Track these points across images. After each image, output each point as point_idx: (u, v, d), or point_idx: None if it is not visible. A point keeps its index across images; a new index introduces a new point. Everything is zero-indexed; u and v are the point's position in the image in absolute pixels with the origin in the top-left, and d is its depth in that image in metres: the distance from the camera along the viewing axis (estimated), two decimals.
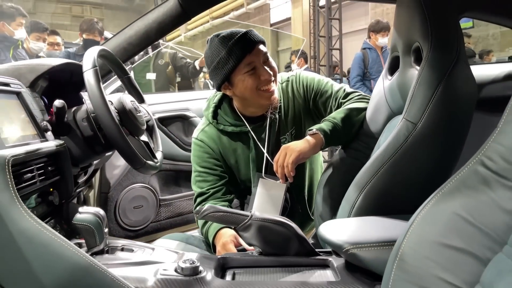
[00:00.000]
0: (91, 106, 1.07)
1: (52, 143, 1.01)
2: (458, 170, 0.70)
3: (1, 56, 3.13)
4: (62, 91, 1.30)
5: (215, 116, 1.43)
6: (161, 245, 1.20)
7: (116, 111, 1.16)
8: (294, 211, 1.48)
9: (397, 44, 1.19)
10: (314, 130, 1.29)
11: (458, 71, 0.98)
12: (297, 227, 1.01)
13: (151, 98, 2.09)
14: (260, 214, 0.98)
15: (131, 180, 1.95)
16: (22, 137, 0.93)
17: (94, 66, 1.06)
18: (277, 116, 1.41)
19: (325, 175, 1.38)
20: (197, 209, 1.01)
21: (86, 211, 0.92)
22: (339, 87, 1.44)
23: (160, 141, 1.44)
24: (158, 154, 1.33)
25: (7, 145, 0.84)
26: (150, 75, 3.74)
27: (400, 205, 1.01)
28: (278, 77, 1.49)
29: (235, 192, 1.49)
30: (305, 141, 1.29)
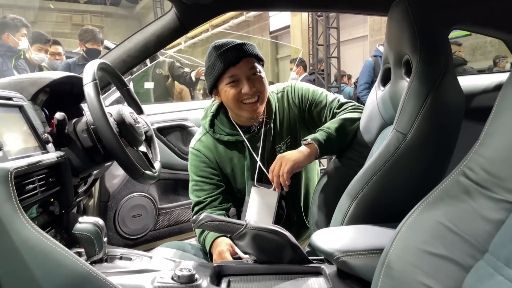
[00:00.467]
0: (91, 118, 1.10)
1: (53, 155, 1.03)
2: (443, 180, 0.73)
3: (3, 67, 3.17)
4: (62, 102, 1.33)
5: (212, 125, 1.46)
6: (159, 254, 1.22)
7: (115, 123, 1.19)
8: (290, 220, 1.50)
9: (389, 56, 1.22)
10: (308, 140, 1.32)
11: (446, 83, 1.01)
12: (291, 235, 1.03)
13: (150, 108, 2.12)
14: (254, 223, 1.01)
15: (130, 189, 1.97)
16: (24, 149, 0.96)
17: (94, 79, 1.10)
18: (272, 125, 1.44)
19: (320, 184, 1.41)
20: (193, 218, 1.04)
21: (86, 221, 0.95)
22: (334, 98, 1.47)
23: (159, 151, 1.46)
24: (157, 164, 1.36)
25: (9, 157, 0.87)
26: (148, 84, 3.77)
27: (391, 214, 1.03)
28: (273, 87, 1.53)
29: (232, 201, 1.51)
30: (300, 150, 1.32)
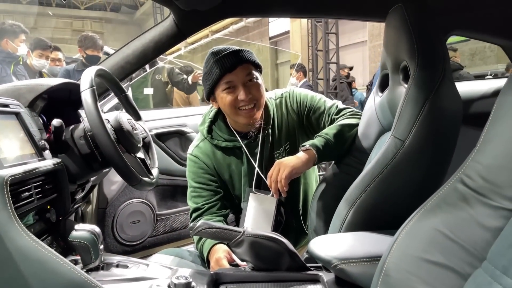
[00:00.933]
0: (88, 124, 1.10)
1: (49, 162, 1.03)
2: (440, 187, 0.72)
3: (2, 73, 3.17)
4: (60, 109, 1.33)
5: (210, 131, 1.46)
6: (156, 261, 1.21)
7: (113, 129, 1.19)
8: (288, 226, 1.50)
9: (387, 62, 1.22)
10: (307, 146, 1.32)
11: (444, 89, 1.01)
12: (289, 242, 1.03)
13: (149, 114, 2.12)
14: (252, 230, 1.00)
15: (129, 195, 1.96)
16: (20, 157, 0.95)
17: (91, 86, 1.09)
18: (270, 131, 1.43)
19: (318, 190, 1.40)
20: (190, 225, 1.04)
21: (82, 229, 0.94)
22: (332, 104, 1.47)
23: (156, 157, 1.46)
24: (154, 171, 1.36)
25: (5, 164, 0.86)
26: (148, 90, 3.77)
27: (388, 220, 1.03)
28: (272, 93, 1.53)
29: (231, 207, 1.51)
30: (298, 156, 1.31)
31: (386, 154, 1.03)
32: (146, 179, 1.19)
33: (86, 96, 1.08)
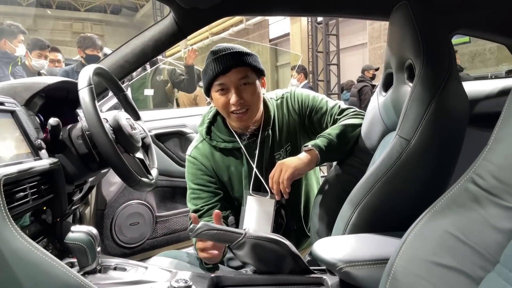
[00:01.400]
0: (86, 124, 1.08)
1: (45, 162, 1.01)
2: (449, 188, 0.70)
3: (0, 73, 3.15)
4: (58, 108, 1.31)
5: (209, 132, 1.44)
6: (155, 264, 1.19)
7: (111, 129, 1.17)
8: (289, 228, 1.47)
9: (391, 61, 1.19)
10: (309, 146, 1.29)
11: (450, 88, 0.99)
12: (292, 244, 1.00)
13: (148, 115, 2.10)
14: (254, 232, 0.97)
15: (128, 196, 1.94)
16: (15, 156, 0.93)
17: (89, 84, 1.07)
18: (270, 132, 1.41)
19: (321, 191, 1.38)
20: (190, 227, 1.01)
21: (79, 230, 0.91)
22: (334, 104, 1.44)
23: (156, 158, 1.44)
24: (153, 171, 1.33)
25: (0, 164, 0.84)
26: (148, 91, 3.75)
27: (394, 222, 1.00)
28: (273, 93, 1.50)
29: (231, 209, 1.48)
30: (301, 157, 1.29)
31: (391, 154, 1.01)
32: (145, 180, 1.17)
33: (84, 94, 1.05)
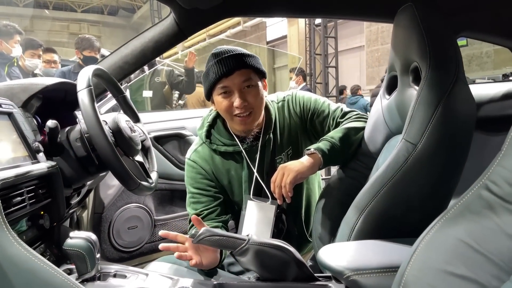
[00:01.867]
0: (85, 126, 1.05)
1: (43, 165, 0.98)
2: (462, 195, 0.68)
3: None
4: (55, 110, 1.28)
5: (209, 135, 1.41)
6: (155, 270, 1.16)
7: (111, 131, 1.14)
8: (290, 233, 1.44)
9: (395, 63, 1.18)
10: (312, 150, 1.27)
11: (457, 91, 0.97)
12: (296, 251, 0.98)
13: (147, 117, 2.07)
14: (257, 238, 0.95)
15: (126, 200, 1.91)
16: (12, 159, 0.90)
17: (88, 85, 1.05)
18: (271, 136, 1.39)
19: (323, 196, 1.36)
20: (192, 232, 0.98)
21: (77, 236, 0.89)
22: (336, 107, 1.42)
23: (155, 161, 1.41)
24: (153, 175, 1.31)
25: None
26: (147, 93, 3.72)
27: (400, 228, 0.98)
28: (274, 96, 1.48)
29: (231, 213, 1.46)
30: (303, 161, 1.26)
31: (397, 159, 0.99)
32: (145, 183, 1.15)
33: (83, 96, 1.03)
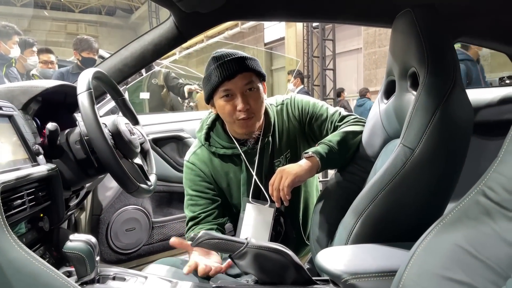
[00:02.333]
0: (85, 129, 1.05)
1: (43, 168, 0.98)
2: (460, 200, 0.69)
3: None
4: (55, 112, 1.28)
5: (208, 138, 1.42)
6: (153, 272, 1.16)
7: (110, 134, 1.14)
8: (288, 236, 1.45)
9: (393, 68, 1.19)
10: (310, 153, 1.28)
11: (455, 96, 0.98)
12: (294, 255, 0.98)
13: (145, 119, 2.07)
14: (256, 241, 0.96)
15: (124, 202, 1.91)
16: (13, 162, 0.91)
17: (88, 88, 1.05)
18: (270, 139, 1.39)
19: (321, 199, 1.36)
20: (191, 235, 0.99)
21: (77, 239, 0.89)
22: (335, 110, 1.43)
23: (154, 163, 1.42)
24: (152, 177, 1.31)
25: None
26: (144, 95, 3.72)
27: (398, 232, 0.99)
28: (273, 99, 1.49)
29: (229, 216, 1.46)
30: (301, 164, 1.27)
31: (395, 163, 1.00)
32: (144, 186, 1.15)
33: (83, 99, 1.03)
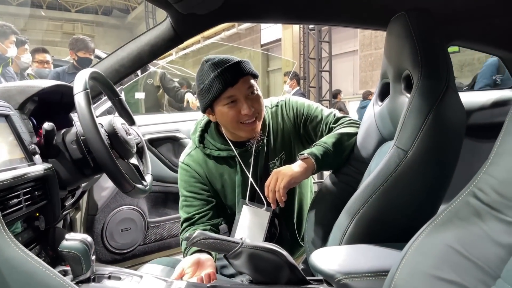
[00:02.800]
0: (81, 128, 1.06)
1: (40, 167, 0.99)
2: (451, 201, 0.70)
3: None
4: (51, 112, 1.29)
5: (202, 140, 1.42)
6: (149, 272, 1.17)
7: (106, 134, 1.15)
8: (282, 237, 1.46)
9: (388, 71, 1.20)
10: (305, 155, 1.29)
11: (448, 99, 0.99)
12: (289, 255, 0.99)
13: (141, 119, 2.08)
14: (251, 241, 0.96)
15: (119, 202, 1.91)
16: (9, 161, 0.91)
17: (85, 88, 1.06)
18: (265, 141, 1.40)
19: (315, 200, 1.37)
20: (186, 235, 0.99)
21: (73, 238, 0.89)
22: (329, 112, 1.44)
23: (150, 163, 1.42)
24: (148, 177, 1.32)
25: None
26: (139, 95, 3.72)
27: (391, 233, 1.00)
28: (267, 101, 1.50)
29: (223, 217, 1.47)
30: (297, 165, 1.28)
31: (388, 165, 1.01)
32: (139, 186, 1.15)
33: (80, 99, 1.04)
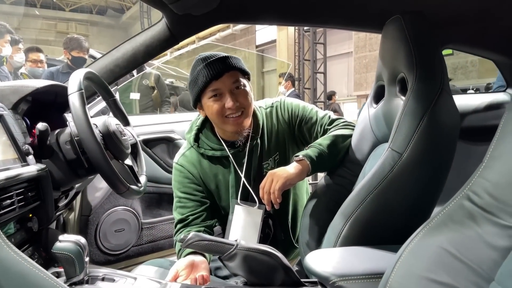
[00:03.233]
0: (75, 129, 1.05)
1: (33, 168, 0.98)
2: (445, 204, 0.70)
3: None
4: (45, 112, 1.28)
5: (197, 139, 1.42)
6: (142, 273, 1.16)
7: (101, 134, 1.14)
8: (277, 238, 1.46)
9: (382, 73, 1.20)
10: (300, 157, 1.29)
11: (443, 102, 1.00)
12: (283, 257, 0.99)
13: (136, 120, 2.07)
14: (245, 243, 0.96)
15: (113, 202, 1.90)
16: (2, 162, 0.90)
17: (79, 89, 1.05)
18: (258, 141, 1.40)
19: (310, 202, 1.37)
20: (181, 237, 0.99)
21: (67, 239, 0.89)
22: (324, 114, 1.45)
23: (144, 164, 1.41)
24: (142, 178, 1.31)
25: None
26: (134, 95, 3.71)
27: (386, 235, 1.01)
28: (262, 102, 1.50)
29: (217, 218, 1.46)
30: (292, 167, 1.28)
31: (383, 167, 1.01)
32: (134, 187, 1.15)
33: (74, 99, 1.03)
